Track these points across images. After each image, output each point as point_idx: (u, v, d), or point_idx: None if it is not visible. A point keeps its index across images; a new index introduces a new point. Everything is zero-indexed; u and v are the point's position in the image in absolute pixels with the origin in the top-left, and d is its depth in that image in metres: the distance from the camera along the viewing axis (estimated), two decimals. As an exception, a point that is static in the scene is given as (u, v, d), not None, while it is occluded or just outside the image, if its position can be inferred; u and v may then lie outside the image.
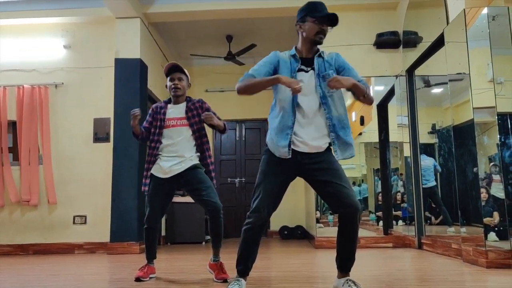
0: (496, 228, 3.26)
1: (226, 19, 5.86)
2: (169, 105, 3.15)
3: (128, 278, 3.14)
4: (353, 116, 5.70)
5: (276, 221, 7.00)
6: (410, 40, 5.02)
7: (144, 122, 3.23)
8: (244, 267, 2.45)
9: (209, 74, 7.37)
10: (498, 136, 3.29)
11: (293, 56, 2.46)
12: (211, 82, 7.32)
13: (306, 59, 2.46)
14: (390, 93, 5.35)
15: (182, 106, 3.12)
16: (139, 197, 5.09)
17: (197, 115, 3.08)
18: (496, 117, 3.30)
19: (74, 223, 5.26)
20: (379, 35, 5.26)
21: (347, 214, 2.28)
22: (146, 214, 3.09)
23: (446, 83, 3.95)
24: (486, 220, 3.27)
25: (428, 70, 4.74)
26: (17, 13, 5.39)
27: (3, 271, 3.85)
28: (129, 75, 5.27)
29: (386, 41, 5.24)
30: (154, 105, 3.22)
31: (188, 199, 6.22)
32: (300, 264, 3.83)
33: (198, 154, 3.10)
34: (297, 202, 7.01)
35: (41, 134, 5.33)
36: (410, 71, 5.03)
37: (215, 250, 3.06)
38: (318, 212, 5.38)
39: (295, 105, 2.36)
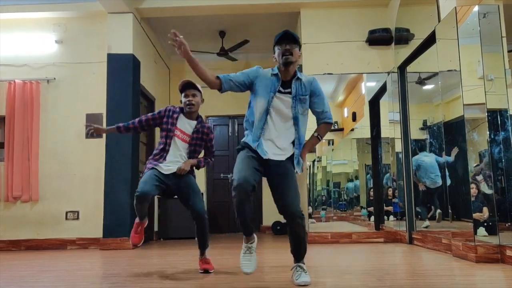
0: (485, 223, 3.31)
1: (219, 15, 5.85)
2: (181, 115, 3.25)
3: (122, 273, 3.15)
4: (345, 112, 5.74)
5: (269, 216, 7.03)
6: (402, 37, 5.05)
7: (145, 115, 3.28)
8: (247, 229, 2.62)
9: (202, 69, 7.34)
10: (488, 132, 3.34)
11: (275, 75, 2.64)
12: (204, 77, 7.29)
13: (285, 81, 2.64)
14: (382, 90, 5.39)
15: (193, 124, 3.24)
16: (132, 192, 5.07)
17: (199, 139, 3.24)
18: (486, 114, 3.34)
19: (66, 218, 5.25)
20: (371, 32, 5.29)
21: (290, 220, 2.56)
22: (144, 189, 3.05)
23: (437, 80, 3.99)
24: (476, 215, 3.33)
25: (420, 67, 4.78)
26: (8, 7, 5.34)
27: (-5, 267, 3.84)
28: (122, 70, 5.25)
29: (378, 38, 5.28)
30: (169, 107, 3.28)
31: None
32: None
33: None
34: (290, 197, 7.03)
35: (30, 130, 5.29)
36: (402, 68, 5.07)
37: (202, 251, 3.20)
38: (310, 207, 5.42)
39: (267, 120, 2.59)
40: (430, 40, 4.15)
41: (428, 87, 4.82)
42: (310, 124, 2.78)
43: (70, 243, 5.19)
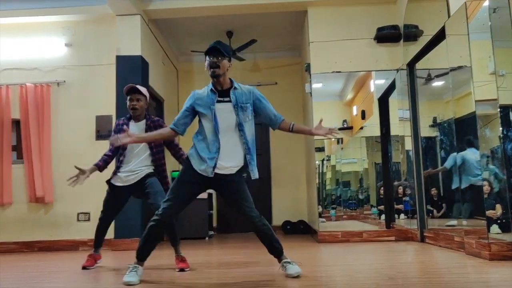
0: (498, 221, 3.27)
1: (226, 15, 5.86)
2: (130, 122, 3.47)
3: (133, 274, 3.15)
4: (354, 110, 5.71)
5: (279, 216, 7.03)
6: (410, 33, 5.02)
7: (110, 146, 3.55)
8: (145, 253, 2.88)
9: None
10: (501, 128, 3.30)
11: (211, 90, 2.80)
12: (212, 78, 7.31)
13: (223, 91, 2.80)
14: (391, 87, 5.35)
15: (142, 124, 3.44)
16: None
17: None
18: (498, 110, 3.30)
19: (78, 220, 5.29)
20: (379, 29, 5.26)
21: (254, 224, 2.81)
22: (102, 214, 3.60)
23: (448, 77, 3.95)
24: (489, 212, 3.29)
25: (429, 64, 4.74)
26: (19, 12, 5.39)
27: (8, 268, 3.88)
28: (130, 72, 5.28)
29: (387, 35, 5.24)
30: (116, 122, 3.57)
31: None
32: (303, 259, 3.85)
33: (153, 167, 3.44)
34: (299, 196, 7.04)
35: (42, 132, 5.34)
36: (411, 65, 5.03)
37: (176, 249, 3.40)
38: (320, 206, 5.40)
39: (217, 133, 2.72)
40: (440, 36, 4.12)
41: (437, 83, 4.78)
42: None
43: (82, 244, 5.23)
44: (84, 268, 3.49)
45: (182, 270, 3.20)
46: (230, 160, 2.75)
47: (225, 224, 7.17)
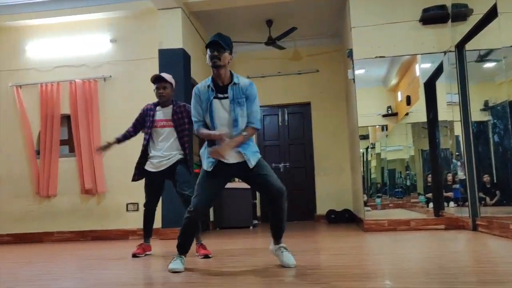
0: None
1: (265, 4, 5.82)
2: (157, 107, 3.70)
3: (182, 262, 3.24)
4: (399, 96, 5.54)
5: (323, 205, 6.98)
6: (459, 13, 4.78)
7: (134, 120, 3.84)
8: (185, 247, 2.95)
9: (250, 60, 7.38)
10: (559, 110, 3.10)
11: (209, 86, 2.83)
12: (253, 68, 7.33)
13: (223, 86, 2.81)
14: (438, 71, 5.15)
15: (169, 109, 3.66)
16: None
17: (181, 118, 3.62)
18: (557, 90, 3.10)
19: (127, 210, 5.50)
20: (425, 10, 5.05)
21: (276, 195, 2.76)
22: (146, 200, 3.80)
23: (500, 57, 3.74)
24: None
25: (480, 44, 4.51)
26: (65, 11, 5.62)
27: (66, 256, 4.10)
28: (173, 65, 5.38)
29: (433, 16, 5.03)
30: (145, 107, 3.79)
31: (236, 184, 6.33)
32: (350, 248, 3.82)
33: (182, 151, 3.64)
34: (344, 185, 6.95)
35: (92, 126, 5.57)
36: (460, 46, 4.80)
37: (196, 237, 3.48)
38: (365, 195, 5.31)
39: (215, 128, 2.79)
40: (491, 15, 3.90)
41: (489, 65, 4.55)
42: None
43: (132, 234, 5.43)
44: (134, 255, 3.65)
45: (206, 256, 3.34)
46: (229, 154, 2.78)
47: (263, 213, 7.19)
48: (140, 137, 5.55)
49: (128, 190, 5.49)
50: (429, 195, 5.24)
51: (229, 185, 6.44)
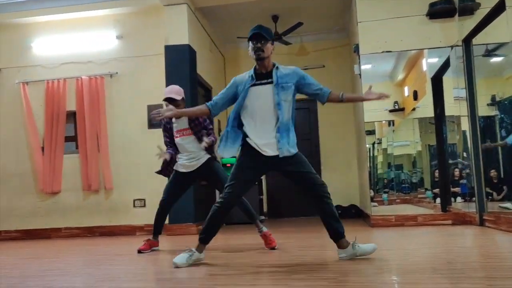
0: None
1: (271, -1, 5.81)
2: (173, 119, 3.69)
3: (189, 257, 3.26)
4: (406, 91, 5.52)
5: (329, 200, 6.96)
6: (466, 7, 4.74)
7: (164, 137, 3.84)
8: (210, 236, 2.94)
9: (256, 56, 7.35)
10: None
11: (251, 76, 2.84)
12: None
13: (266, 73, 2.83)
14: (445, 65, 5.11)
15: (184, 118, 3.62)
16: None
17: (198, 124, 3.64)
18: None
19: (134, 206, 5.53)
20: (432, 5, 5.01)
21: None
22: (163, 197, 3.81)
23: (508, 51, 3.71)
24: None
25: (487, 39, 4.47)
26: (71, 8, 5.62)
27: (74, 252, 4.14)
28: (179, 61, 5.38)
29: (440, 10, 4.98)
30: (162, 122, 3.80)
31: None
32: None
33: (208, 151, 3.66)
34: (350, 181, 6.93)
35: (99, 123, 5.60)
36: (467, 41, 4.76)
37: (256, 224, 3.62)
38: (372, 190, 5.30)
39: (254, 116, 2.80)
40: (499, 8, 3.86)
41: (497, 59, 4.51)
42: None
43: (139, 229, 5.46)
44: (139, 251, 3.67)
45: (273, 248, 3.43)
46: (272, 141, 2.78)
47: (275, 209, 7.21)
48: (145, 136, 5.56)
49: (135, 186, 5.53)
50: (436, 190, 5.22)
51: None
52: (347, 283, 2.18)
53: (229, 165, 6.59)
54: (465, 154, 4.86)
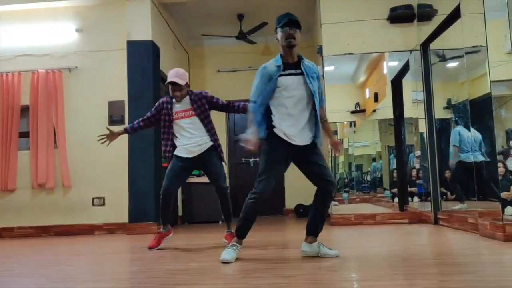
0: (514, 202, 3.24)
1: (236, -3, 5.80)
2: (173, 100, 3.59)
3: (148, 257, 3.22)
4: (367, 93, 5.65)
5: (292, 199, 7.04)
6: (424, 13, 4.91)
7: (148, 112, 3.70)
8: (246, 230, 2.92)
9: (221, 54, 7.34)
10: (516, 109, 3.24)
11: (278, 66, 2.81)
12: (223, 62, 7.29)
13: (293, 64, 2.82)
14: (405, 69, 5.28)
15: (186, 100, 3.56)
16: (156, 177, 5.17)
17: (202, 105, 3.53)
18: (514, 90, 3.24)
19: (93, 204, 5.37)
20: (393, 9, 5.16)
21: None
22: (165, 184, 3.51)
23: (462, 57, 3.88)
24: (504, 194, 3.26)
25: (444, 44, 4.65)
26: (29, -2, 5.41)
27: (28, 252, 3.98)
28: (142, 57, 5.28)
29: (400, 15, 5.14)
30: (161, 100, 3.66)
31: (204, 179, 6.29)
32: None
33: (211, 139, 3.56)
34: (312, 180, 7.03)
35: (56, 119, 5.40)
36: (425, 45, 4.94)
37: (228, 224, 3.64)
38: (333, 189, 5.38)
39: (287, 104, 2.77)
40: (454, 15, 4.03)
41: (452, 64, 4.70)
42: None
43: (98, 229, 5.32)
44: (150, 249, 3.48)
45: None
46: (302, 130, 2.79)
47: (238, 207, 7.20)
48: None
49: (94, 184, 5.37)
50: (395, 190, 5.38)
51: (197, 179, 6.45)
52: (306, 280, 2.21)
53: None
54: (421, 155, 5.03)
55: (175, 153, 3.55)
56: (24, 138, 5.62)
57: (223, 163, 3.62)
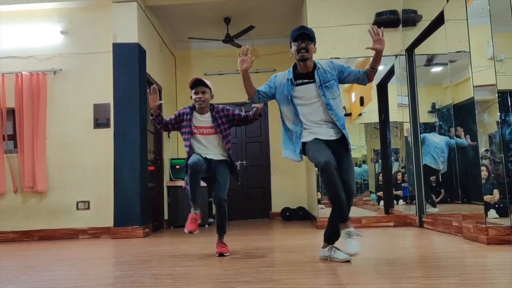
0: (496, 206, 3.29)
1: (223, 1, 5.80)
2: (195, 112, 3.38)
3: (133, 261, 3.19)
4: (353, 97, 5.69)
5: (278, 202, 7.05)
6: (409, 18, 4.98)
7: (168, 118, 3.46)
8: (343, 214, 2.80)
9: (208, 57, 7.32)
10: (499, 113, 3.29)
11: (290, 80, 2.87)
12: (210, 65, 7.28)
13: (306, 74, 2.85)
14: (390, 73, 5.33)
15: (208, 116, 3.37)
16: (141, 181, 5.12)
17: (222, 123, 3.38)
18: (497, 95, 3.29)
19: (77, 208, 5.30)
20: (378, 15, 5.22)
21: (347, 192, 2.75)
22: (191, 161, 3.18)
23: (446, 62, 3.93)
24: (487, 197, 3.30)
25: (428, 49, 4.72)
26: (13, -1, 5.34)
27: (9, 257, 3.91)
28: (128, 60, 5.24)
29: (385, 20, 5.19)
30: (181, 111, 3.43)
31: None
32: (303, 245, 3.88)
33: (226, 154, 3.40)
34: (299, 183, 7.05)
35: (37, 121, 5.31)
36: (410, 50, 5.00)
37: (220, 235, 3.35)
38: (319, 193, 5.41)
39: (299, 116, 2.82)
40: (439, 21, 4.09)
41: (436, 69, 4.76)
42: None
43: (82, 233, 5.25)
44: (190, 232, 3.28)
45: (221, 254, 3.22)
46: (326, 130, 2.81)
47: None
48: (90, 136, 5.38)
49: (78, 188, 5.31)
50: (380, 193, 5.42)
51: (183, 183, 6.37)
52: (293, 285, 2.21)
53: (178, 167, 6.52)
54: (406, 159, 5.08)
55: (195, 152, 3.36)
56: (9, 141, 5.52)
57: (236, 180, 3.50)
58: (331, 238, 2.86)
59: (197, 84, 3.33)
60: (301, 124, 2.84)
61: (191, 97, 3.38)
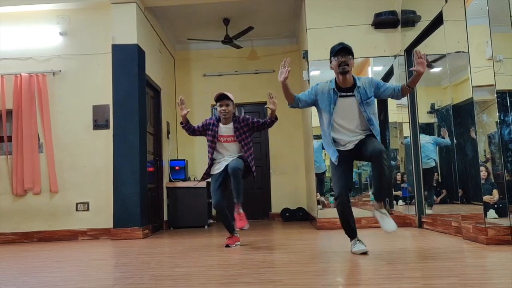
0: (495, 206, 3.29)
1: (222, 2, 5.80)
2: (220, 124, 3.92)
3: (133, 262, 3.18)
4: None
5: (278, 203, 7.05)
6: (408, 19, 4.98)
7: (195, 126, 4.02)
8: (351, 231, 3.15)
9: (207, 58, 7.33)
10: (498, 114, 3.30)
11: (333, 89, 3.08)
12: (209, 66, 7.29)
13: (346, 88, 3.06)
14: (389, 73, 5.34)
15: (230, 125, 3.90)
16: (141, 182, 5.12)
17: (244, 132, 3.90)
18: (496, 95, 3.30)
19: (77, 210, 5.30)
20: (377, 15, 5.22)
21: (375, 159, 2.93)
22: (213, 201, 3.90)
23: (445, 62, 3.94)
24: (486, 198, 3.30)
25: (427, 49, 4.71)
26: (12, 1, 5.33)
27: (9, 259, 3.90)
28: (127, 61, 5.25)
29: (384, 21, 5.21)
30: (207, 120, 4.01)
31: (191, 183, 6.27)
32: (303, 245, 3.89)
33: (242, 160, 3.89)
34: (298, 184, 7.06)
35: (42, 123, 5.33)
36: (409, 51, 5.00)
37: (237, 205, 3.80)
38: (318, 194, 5.41)
39: (332, 126, 3.08)
40: (437, 22, 4.09)
41: (435, 70, 4.76)
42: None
43: (82, 234, 5.25)
44: (227, 246, 3.80)
45: (240, 229, 3.78)
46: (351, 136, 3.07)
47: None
48: (89, 137, 5.40)
49: (78, 189, 5.31)
50: (379, 193, 5.41)
51: (183, 184, 6.42)
52: (293, 286, 2.21)
53: (177, 168, 6.52)
54: (406, 159, 5.08)
55: (211, 172, 3.92)
56: (2, 143, 5.51)
57: (252, 174, 3.94)
58: (349, 233, 3.15)
59: (222, 98, 3.83)
60: (332, 131, 3.08)
61: (215, 108, 4.00)
